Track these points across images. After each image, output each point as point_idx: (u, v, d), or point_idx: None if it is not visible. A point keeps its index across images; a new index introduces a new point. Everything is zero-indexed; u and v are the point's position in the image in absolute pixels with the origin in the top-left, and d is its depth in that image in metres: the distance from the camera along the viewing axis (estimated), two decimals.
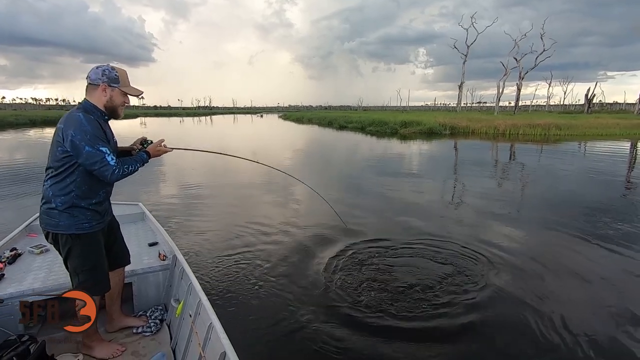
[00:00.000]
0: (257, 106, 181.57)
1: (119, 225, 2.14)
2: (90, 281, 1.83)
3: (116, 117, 1.84)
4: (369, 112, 51.40)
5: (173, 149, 2.02)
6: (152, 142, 1.95)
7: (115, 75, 1.77)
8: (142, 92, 1.88)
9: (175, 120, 51.89)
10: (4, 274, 2.21)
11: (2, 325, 1.83)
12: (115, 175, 1.70)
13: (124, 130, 23.57)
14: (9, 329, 1.84)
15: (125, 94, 1.83)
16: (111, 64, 1.80)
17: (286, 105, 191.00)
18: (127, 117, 51.04)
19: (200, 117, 59.44)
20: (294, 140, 19.87)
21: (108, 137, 1.79)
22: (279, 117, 55.10)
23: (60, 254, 1.84)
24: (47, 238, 1.83)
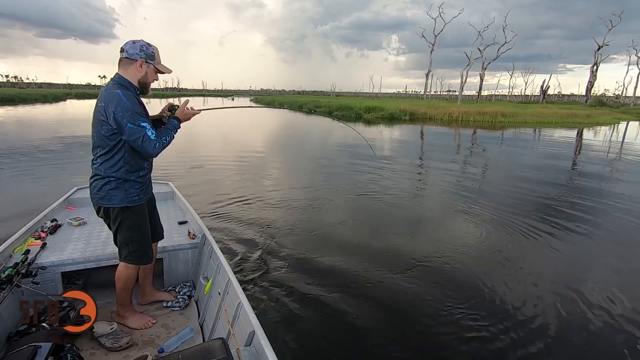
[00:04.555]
0: (228, 89, 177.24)
1: (155, 199, 2.18)
2: (140, 251, 1.91)
3: (145, 94, 1.84)
4: (340, 98, 52.18)
5: (201, 110, 2.02)
6: (178, 106, 1.93)
7: (152, 52, 1.76)
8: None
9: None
10: (45, 243, 2.31)
11: (44, 291, 1.91)
12: (157, 149, 1.71)
13: (85, 113, 22.94)
14: (50, 295, 1.93)
15: (157, 72, 1.82)
16: (146, 41, 1.76)
17: (258, 89, 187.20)
18: (89, 97, 48.93)
19: (168, 99, 57.55)
20: (263, 119, 20.55)
21: (146, 112, 1.80)
22: (250, 100, 54.73)
23: (110, 227, 1.89)
24: (98, 212, 1.88)
